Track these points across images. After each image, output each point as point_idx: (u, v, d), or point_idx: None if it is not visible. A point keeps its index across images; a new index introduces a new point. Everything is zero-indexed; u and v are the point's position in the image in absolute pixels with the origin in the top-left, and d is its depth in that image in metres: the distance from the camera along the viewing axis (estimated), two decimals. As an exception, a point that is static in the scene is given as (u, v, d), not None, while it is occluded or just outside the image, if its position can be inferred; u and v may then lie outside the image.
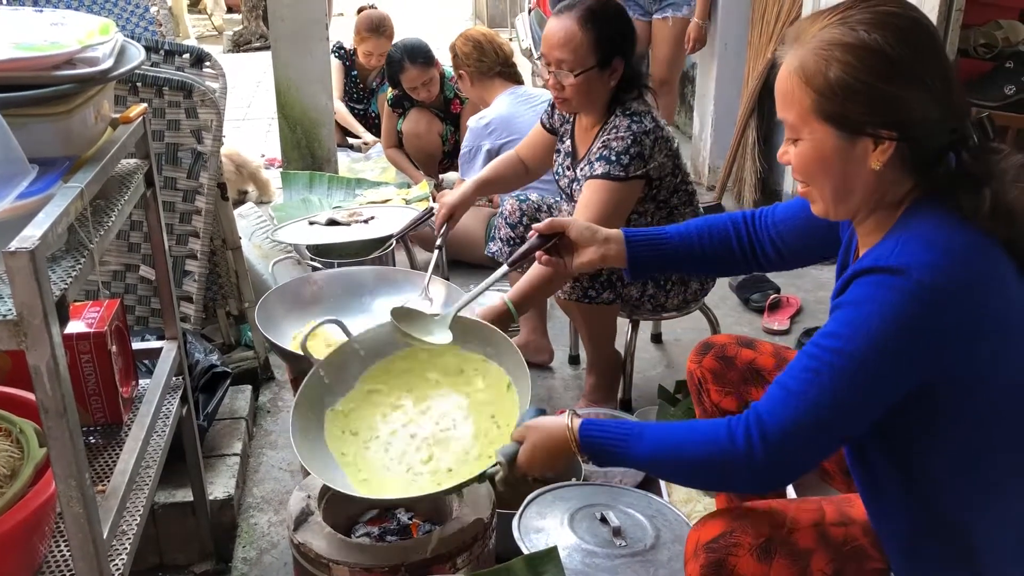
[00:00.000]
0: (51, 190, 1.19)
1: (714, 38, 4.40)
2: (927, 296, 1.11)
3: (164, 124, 2.45)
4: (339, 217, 3.04)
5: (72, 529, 1.20)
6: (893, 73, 1.14)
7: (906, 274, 1.12)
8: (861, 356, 1.14)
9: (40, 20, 1.41)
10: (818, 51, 1.17)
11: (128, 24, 2.68)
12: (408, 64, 4.10)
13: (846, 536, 1.32)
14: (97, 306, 1.70)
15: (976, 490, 1.22)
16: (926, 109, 1.16)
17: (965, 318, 1.13)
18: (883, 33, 1.15)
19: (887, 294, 1.12)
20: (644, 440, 1.31)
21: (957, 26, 2.94)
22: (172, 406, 1.79)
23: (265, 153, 5.06)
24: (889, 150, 1.17)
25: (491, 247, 2.70)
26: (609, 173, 2.22)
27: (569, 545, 1.82)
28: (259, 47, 8.42)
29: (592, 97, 2.29)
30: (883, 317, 1.12)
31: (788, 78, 1.22)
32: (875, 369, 1.14)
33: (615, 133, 2.25)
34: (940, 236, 1.15)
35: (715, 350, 1.69)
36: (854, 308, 1.15)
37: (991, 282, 1.15)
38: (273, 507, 2.24)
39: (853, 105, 1.16)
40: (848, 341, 1.15)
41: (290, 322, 2.24)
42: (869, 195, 1.22)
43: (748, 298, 3.34)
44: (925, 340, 1.13)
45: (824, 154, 1.21)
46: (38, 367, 1.09)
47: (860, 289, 1.16)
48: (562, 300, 2.37)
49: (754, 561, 1.28)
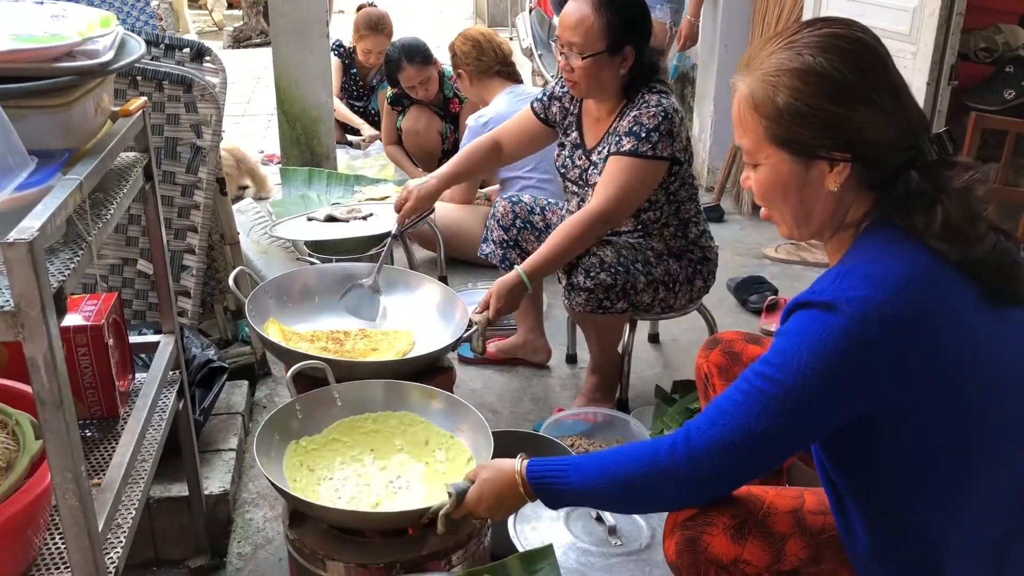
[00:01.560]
0: (50, 182, 1.19)
1: (714, 39, 4.40)
2: (850, 338, 1.11)
3: (164, 118, 2.44)
4: (337, 214, 3.04)
5: (67, 522, 1.20)
6: (841, 95, 1.16)
7: (837, 310, 1.12)
8: (788, 386, 1.15)
9: (41, 12, 1.41)
10: (766, 77, 1.20)
11: (129, 18, 2.68)
12: (406, 63, 4.11)
13: (824, 525, 1.33)
14: (95, 299, 1.70)
15: (938, 503, 1.20)
16: (878, 128, 1.17)
17: (901, 351, 1.12)
18: (828, 56, 1.16)
19: (818, 329, 1.13)
20: (581, 470, 1.34)
21: (958, 30, 2.95)
22: (168, 400, 1.79)
23: (264, 149, 5.06)
24: (844, 171, 1.18)
25: (483, 248, 2.70)
26: (636, 150, 2.21)
27: (565, 543, 1.82)
28: (259, 43, 8.41)
29: (601, 82, 2.29)
30: (812, 352, 1.13)
31: (739, 105, 1.25)
32: (802, 401, 1.16)
33: (645, 108, 2.25)
34: (880, 267, 1.15)
35: (722, 345, 1.71)
36: (788, 339, 1.17)
37: (936, 311, 1.13)
38: (269, 502, 2.24)
39: (803, 129, 1.18)
40: (779, 370, 1.17)
41: (282, 317, 2.24)
42: (829, 216, 1.24)
43: (746, 299, 3.34)
44: (855, 375, 1.13)
45: (781, 178, 1.23)
46: (35, 359, 1.09)
47: (795, 322, 1.18)
48: (576, 312, 2.36)
49: (727, 540, 1.30)
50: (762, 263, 3.75)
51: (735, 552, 1.30)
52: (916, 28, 3.04)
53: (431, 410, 1.87)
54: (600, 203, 2.24)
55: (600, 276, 2.25)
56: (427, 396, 1.88)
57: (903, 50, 3.09)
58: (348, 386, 1.88)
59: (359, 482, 1.71)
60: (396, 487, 1.70)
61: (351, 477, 1.72)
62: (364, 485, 1.70)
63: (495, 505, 1.45)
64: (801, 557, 1.31)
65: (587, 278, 2.26)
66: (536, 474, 1.40)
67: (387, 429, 1.84)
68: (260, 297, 2.18)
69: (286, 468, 1.73)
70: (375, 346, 2.14)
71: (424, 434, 1.83)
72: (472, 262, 3.43)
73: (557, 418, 2.40)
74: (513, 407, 2.68)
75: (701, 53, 4.59)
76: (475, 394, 2.73)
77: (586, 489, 1.35)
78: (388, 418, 1.87)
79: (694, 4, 4.19)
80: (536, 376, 2.86)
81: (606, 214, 2.25)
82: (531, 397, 2.75)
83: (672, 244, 2.43)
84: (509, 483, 1.42)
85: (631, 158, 2.22)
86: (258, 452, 1.68)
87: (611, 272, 2.26)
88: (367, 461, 1.77)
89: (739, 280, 3.44)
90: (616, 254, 2.29)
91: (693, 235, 2.46)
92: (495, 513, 1.48)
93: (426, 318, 2.27)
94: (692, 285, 2.46)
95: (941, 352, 1.13)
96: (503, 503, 1.45)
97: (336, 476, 1.72)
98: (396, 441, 1.82)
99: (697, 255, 2.46)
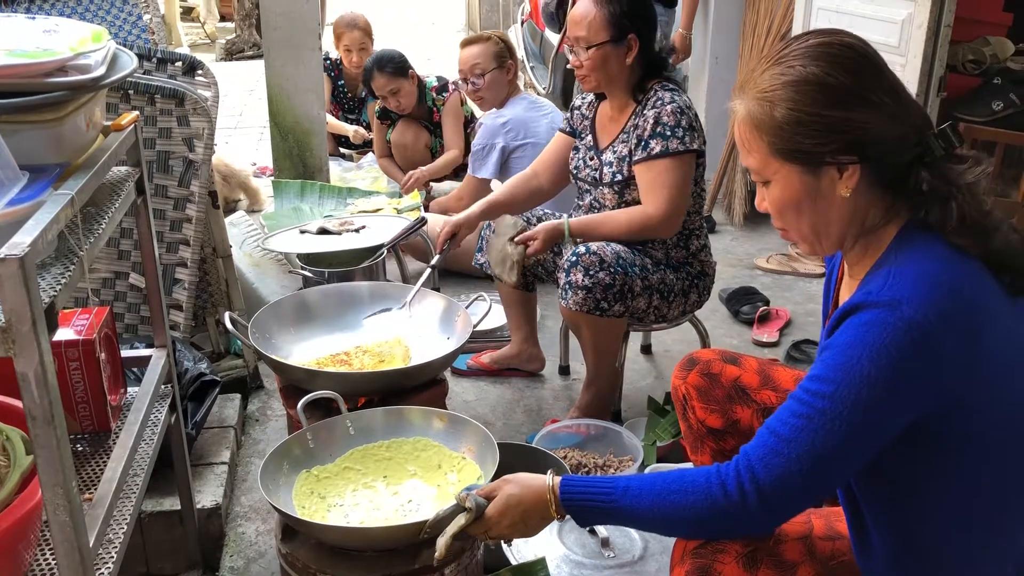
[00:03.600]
0: (41, 197, 1.19)
1: (705, 50, 4.43)
2: (917, 332, 1.09)
3: (156, 132, 2.44)
4: (330, 226, 3.04)
5: (58, 537, 1.20)
6: (836, 99, 1.17)
7: (897, 309, 1.10)
8: (851, 401, 1.12)
9: (33, 27, 1.41)
10: (761, 95, 1.21)
11: (121, 32, 2.68)
12: (376, 72, 4.16)
13: (834, 551, 1.32)
14: (86, 313, 1.69)
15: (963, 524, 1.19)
16: (880, 127, 1.17)
17: (956, 352, 1.11)
18: (818, 64, 1.18)
19: (877, 333, 1.11)
20: (630, 494, 1.28)
21: (946, 42, 2.97)
22: (160, 414, 1.79)
23: (257, 162, 5.05)
24: (855, 175, 1.18)
25: (479, 258, 2.70)
26: (668, 149, 2.27)
27: (557, 556, 1.82)
28: (252, 55, 8.42)
29: (610, 73, 2.36)
30: (873, 360, 1.11)
31: (740, 127, 1.25)
32: (868, 413, 1.12)
33: (662, 107, 2.30)
34: (930, 267, 1.14)
35: (700, 366, 1.67)
36: (844, 351, 1.14)
37: (983, 313, 1.13)
38: (261, 516, 2.23)
39: (805, 138, 1.18)
40: (838, 386, 1.13)
41: (283, 336, 2.24)
42: (848, 223, 1.23)
43: (738, 310, 3.34)
44: (917, 377, 1.11)
45: (794, 192, 1.22)
46: (26, 374, 1.09)
47: (850, 331, 1.14)
48: (570, 312, 2.36)
49: (740, 569, 1.27)
50: (754, 274, 3.76)
51: None
52: (905, 40, 3.06)
53: (442, 432, 1.85)
54: (655, 208, 2.29)
55: (599, 275, 2.26)
56: (438, 419, 1.86)
57: (892, 62, 3.08)
58: (360, 414, 1.88)
59: (369, 507, 1.70)
60: (406, 511, 1.68)
61: (362, 503, 1.71)
62: (374, 509, 1.69)
63: (518, 522, 1.37)
64: None
65: (586, 276, 2.26)
66: (577, 492, 1.32)
67: (401, 455, 1.83)
68: (262, 329, 2.19)
69: (295, 496, 1.72)
70: (381, 358, 2.14)
71: (437, 458, 1.81)
72: (465, 273, 3.44)
73: (550, 430, 2.40)
74: (506, 419, 2.68)
75: (692, 66, 4.61)
76: (468, 406, 2.73)
77: (635, 514, 1.28)
78: (402, 444, 1.86)
79: (686, 17, 4.21)
80: (529, 388, 2.86)
81: (660, 219, 2.29)
82: (524, 409, 2.75)
83: (673, 254, 2.45)
84: (539, 499, 1.34)
85: (665, 159, 2.28)
86: (262, 479, 1.67)
87: (610, 272, 2.27)
88: (379, 488, 1.76)
89: (731, 291, 3.44)
90: (615, 255, 2.31)
91: (694, 247, 2.47)
92: (515, 531, 1.38)
93: (421, 327, 2.27)
94: (687, 298, 2.47)
95: (996, 348, 1.13)
96: (528, 520, 1.36)
97: (346, 503, 1.71)
98: (409, 466, 1.81)
99: (696, 269, 2.48)
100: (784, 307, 3.35)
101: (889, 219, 1.22)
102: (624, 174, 2.39)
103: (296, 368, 2.04)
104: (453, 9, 11.38)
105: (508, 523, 1.37)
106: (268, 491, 1.65)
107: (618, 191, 2.42)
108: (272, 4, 3.94)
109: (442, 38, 10.05)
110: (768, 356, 3.00)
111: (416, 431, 1.87)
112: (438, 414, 1.87)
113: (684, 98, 2.35)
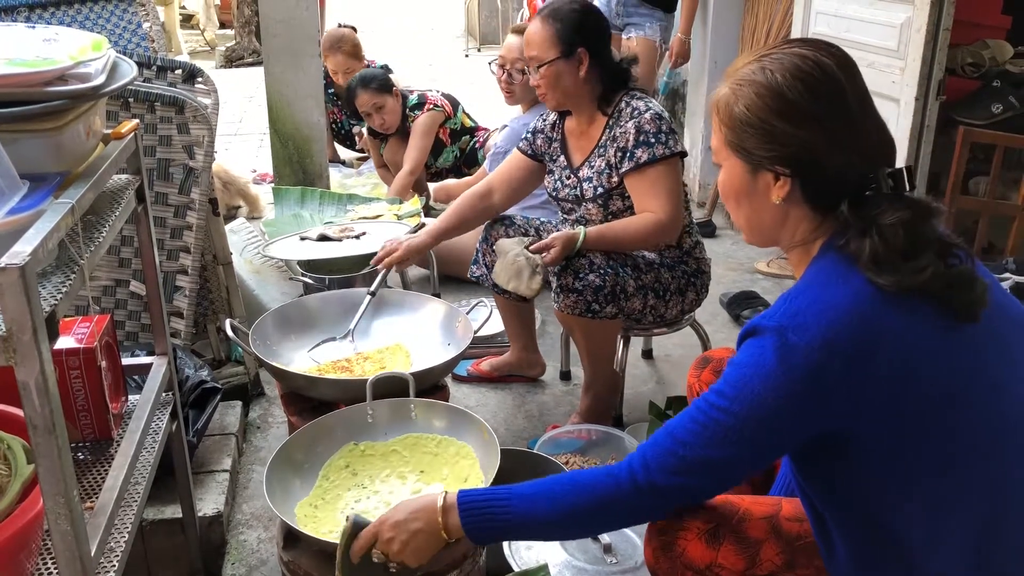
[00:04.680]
0: (42, 206, 1.19)
1: (704, 56, 4.44)
2: (800, 358, 1.14)
3: (156, 139, 2.45)
4: (330, 233, 3.04)
5: (59, 547, 1.19)
6: (787, 112, 1.22)
7: (783, 335, 1.16)
8: (744, 417, 1.19)
9: (33, 36, 1.41)
10: (734, 86, 1.28)
11: (121, 40, 2.68)
12: (359, 88, 4.21)
13: (800, 532, 1.35)
14: (87, 321, 1.69)
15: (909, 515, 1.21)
16: (822, 151, 1.21)
17: (846, 376, 1.14)
18: (784, 75, 1.23)
19: (767, 357, 1.17)
20: (526, 497, 1.33)
21: (945, 45, 2.97)
22: (162, 422, 1.79)
23: (257, 168, 5.06)
24: (785, 186, 1.25)
25: (474, 270, 2.70)
26: (655, 156, 2.28)
27: (560, 562, 1.82)
28: (251, 62, 8.44)
29: (567, 89, 2.38)
30: (763, 381, 1.17)
31: (712, 109, 1.33)
32: (758, 430, 1.19)
33: (640, 116, 2.32)
34: (827, 294, 1.18)
35: (713, 364, 1.71)
36: (739, 370, 1.21)
37: (879, 338, 1.15)
38: (263, 524, 2.23)
39: (750, 139, 1.25)
40: (732, 402, 1.20)
41: (284, 343, 2.24)
42: (778, 228, 1.30)
43: (739, 314, 3.34)
44: (805, 400, 1.16)
45: (734, 182, 1.31)
46: (27, 383, 1.09)
47: (746, 352, 1.21)
48: (563, 315, 2.36)
49: (702, 544, 1.33)
50: (754, 278, 3.76)
51: (710, 557, 1.32)
52: (904, 44, 3.06)
53: (483, 446, 1.83)
54: (664, 212, 2.29)
55: (588, 277, 2.26)
56: (481, 431, 1.85)
57: (891, 65, 3.11)
58: (426, 404, 1.93)
59: (379, 500, 1.70)
60: None
61: (382, 492, 1.73)
62: (384, 504, 1.69)
63: (407, 540, 1.35)
64: (776, 562, 1.33)
65: (576, 279, 2.26)
66: (472, 502, 1.34)
67: (446, 455, 1.85)
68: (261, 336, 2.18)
69: (329, 467, 1.78)
70: (382, 364, 2.15)
71: (468, 471, 1.81)
72: (465, 280, 3.44)
73: (552, 435, 2.40)
74: (507, 425, 2.67)
75: (691, 70, 4.62)
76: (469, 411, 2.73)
77: (531, 519, 1.32)
78: (450, 445, 1.87)
79: (684, 22, 4.22)
80: (530, 393, 2.86)
81: (670, 221, 2.30)
82: (525, 415, 2.74)
83: (666, 253, 2.45)
84: (428, 514, 1.35)
85: (656, 165, 2.29)
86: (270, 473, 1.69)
87: (600, 274, 2.27)
88: (409, 480, 1.78)
89: (731, 295, 3.44)
90: (606, 257, 2.31)
91: (687, 245, 2.47)
92: (406, 551, 1.36)
93: (421, 333, 2.27)
94: (684, 297, 2.47)
95: (884, 376, 1.15)
96: (415, 539, 1.35)
97: (369, 486, 1.74)
98: (444, 469, 1.82)
99: (691, 267, 2.48)
100: (785, 311, 3.35)
101: (817, 236, 1.27)
102: (605, 186, 2.39)
103: (297, 375, 2.04)
104: (452, 15, 11.40)
105: (399, 543, 1.36)
106: (274, 491, 1.65)
107: (602, 203, 2.41)
108: (272, 11, 3.95)
109: (441, 44, 10.07)
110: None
111: (466, 437, 1.87)
112: (484, 427, 1.85)
113: (657, 105, 2.37)
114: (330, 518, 1.67)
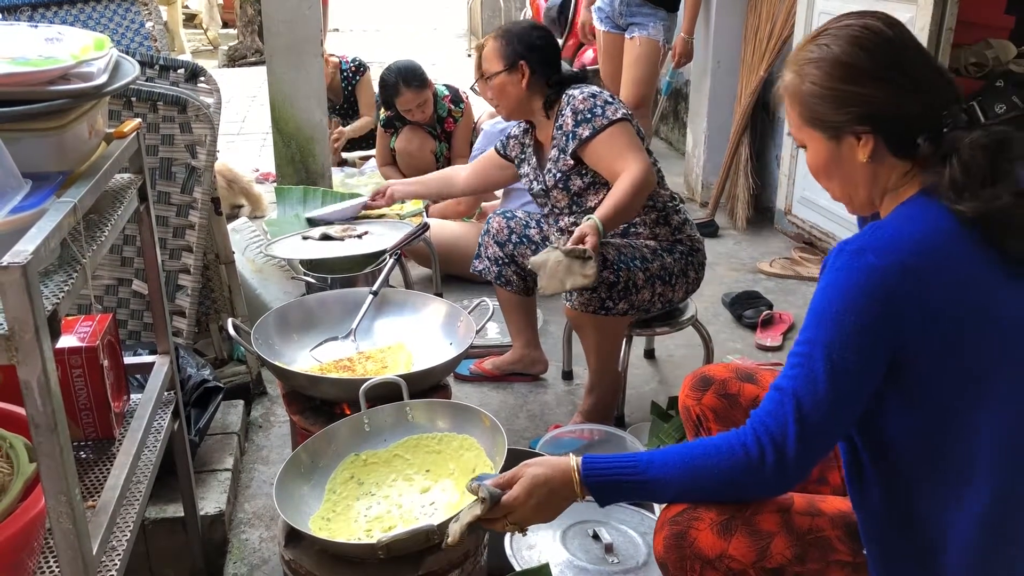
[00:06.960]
0: (44, 205, 1.19)
1: (707, 55, 4.43)
2: (876, 277, 1.20)
3: (158, 138, 2.45)
4: (333, 232, 3.04)
5: (62, 545, 1.20)
6: (850, 75, 1.30)
7: (862, 256, 1.22)
8: (829, 340, 1.22)
9: (35, 35, 1.41)
10: (797, 70, 1.37)
11: (123, 39, 2.69)
12: (403, 88, 4.22)
13: (812, 526, 1.35)
14: (89, 320, 1.70)
15: (943, 482, 1.24)
16: (892, 101, 1.29)
17: (917, 300, 1.20)
18: (839, 44, 1.32)
19: (844, 277, 1.22)
20: (654, 467, 1.34)
21: (948, 46, 2.97)
22: (164, 421, 1.79)
23: (259, 168, 5.06)
24: (869, 143, 1.30)
25: (476, 265, 2.72)
26: (595, 128, 2.40)
27: (561, 562, 1.82)
28: (254, 62, 8.45)
29: (512, 100, 2.58)
30: (842, 300, 1.22)
31: (783, 97, 1.41)
32: (843, 350, 1.22)
33: (573, 101, 2.48)
34: (911, 224, 1.25)
35: (715, 387, 1.64)
36: (821, 294, 1.26)
37: (948, 269, 1.21)
38: (264, 523, 2.23)
39: (825, 109, 1.32)
40: (819, 329, 1.24)
41: (286, 342, 2.24)
42: (871, 186, 1.35)
43: (741, 314, 3.34)
44: (879, 319, 1.20)
45: (821, 156, 1.37)
46: (29, 382, 1.09)
47: (827, 275, 1.26)
48: (575, 313, 2.37)
49: (714, 536, 1.34)
50: (757, 278, 3.76)
51: (720, 547, 1.33)
52: (907, 44, 3.06)
53: (487, 434, 1.82)
54: (635, 165, 2.32)
55: (603, 274, 2.27)
56: (481, 420, 1.84)
57: (894, 65, 3.10)
58: (421, 404, 1.91)
59: (390, 504, 1.70)
60: (419, 513, 1.67)
61: (392, 495, 1.72)
62: (395, 507, 1.69)
63: (543, 502, 1.38)
64: (787, 556, 1.33)
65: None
66: (600, 469, 1.36)
67: (449, 451, 1.84)
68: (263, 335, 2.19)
69: (334, 480, 1.76)
70: (384, 364, 2.14)
71: (474, 462, 1.80)
72: (468, 278, 3.44)
73: (554, 435, 2.40)
74: (509, 424, 2.67)
75: (694, 70, 4.62)
76: (471, 411, 2.73)
77: (663, 484, 1.34)
78: (452, 440, 1.86)
79: (687, 22, 4.21)
80: (532, 393, 2.86)
81: (644, 171, 2.31)
82: (527, 414, 2.74)
83: (658, 232, 2.47)
84: (564, 477, 1.37)
85: (600, 135, 2.39)
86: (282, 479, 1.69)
87: (613, 269, 2.29)
88: (416, 480, 1.77)
89: (734, 295, 3.44)
90: (617, 252, 2.34)
91: (676, 222, 2.50)
92: (539, 512, 1.39)
93: (423, 332, 2.27)
94: (687, 277, 2.50)
95: (951, 306, 1.21)
96: (552, 500, 1.38)
97: (378, 493, 1.73)
98: (451, 464, 1.81)
99: (687, 246, 2.51)
100: (787, 311, 3.35)
101: (907, 183, 1.32)
102: (563, 171, 2.50)
103: (299, 374, 2.04)
104: (454, 15, 11.40)
105: (534, 503, 1.38)
106: (285, 508, 1.64)
107: (563, 186, 2.52)
108: (274, 11, 3.95)
109: (444, 44, 10.07)
110: (771, 360, 3.01)
111: (467, 429, 1.86)
112: (483, 415, 1.84)
113: (591, 87, 2.50)
114: (345, 529, 1.66)
